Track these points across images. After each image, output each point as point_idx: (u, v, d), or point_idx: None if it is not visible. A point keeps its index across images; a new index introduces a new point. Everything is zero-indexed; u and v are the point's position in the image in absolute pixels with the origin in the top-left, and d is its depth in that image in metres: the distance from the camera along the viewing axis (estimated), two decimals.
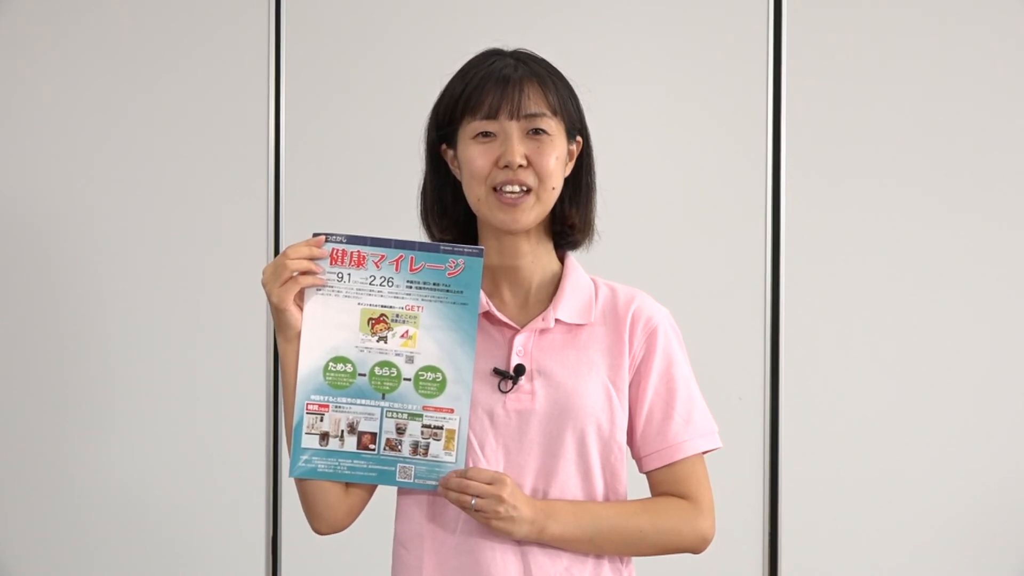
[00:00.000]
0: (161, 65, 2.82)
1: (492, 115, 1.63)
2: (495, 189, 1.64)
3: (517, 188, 1.64)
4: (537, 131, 1.64)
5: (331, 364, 1.64)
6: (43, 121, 2.84)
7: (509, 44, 1.75)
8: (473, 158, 1.64)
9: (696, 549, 1.69)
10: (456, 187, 1.70)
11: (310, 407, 1.64)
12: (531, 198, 1.64)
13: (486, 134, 1.64)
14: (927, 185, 2.76)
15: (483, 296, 1.66)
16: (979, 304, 2.76)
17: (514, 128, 1.63)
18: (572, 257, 1.75)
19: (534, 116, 1.64)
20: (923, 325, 2.76)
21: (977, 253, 2.76)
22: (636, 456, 1.71)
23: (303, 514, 1.71)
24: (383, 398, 1.64)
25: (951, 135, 2.76)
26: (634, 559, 1.72)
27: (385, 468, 1.65)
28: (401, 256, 1.63)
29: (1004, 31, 2.76)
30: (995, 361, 2.76)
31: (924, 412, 2.76)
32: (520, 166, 1.62)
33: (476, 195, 1.65)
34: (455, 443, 1.63)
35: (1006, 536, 2.76)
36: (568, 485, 1.65)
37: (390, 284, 1.64)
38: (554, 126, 1.65)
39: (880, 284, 2.77)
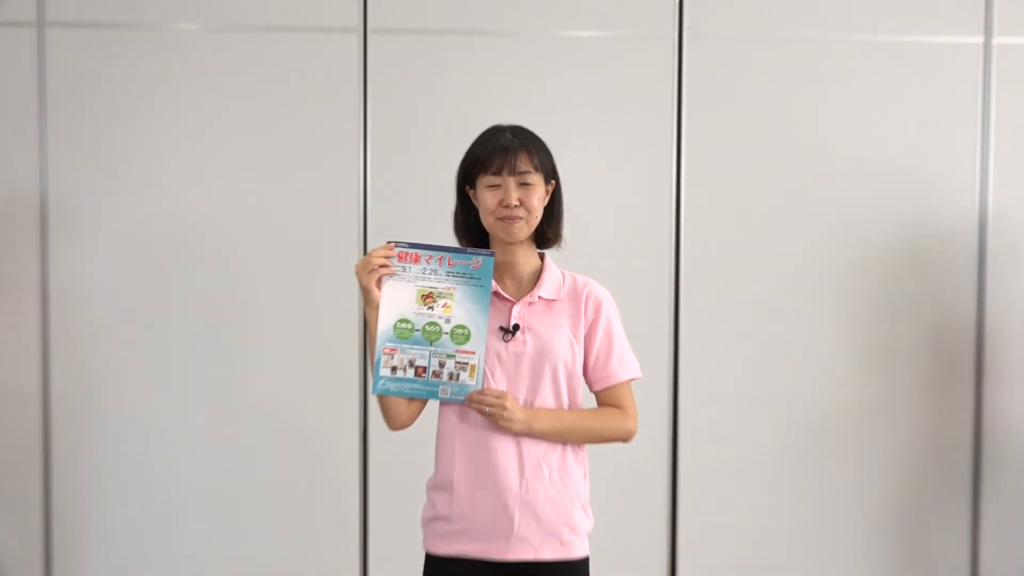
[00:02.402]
0: (279, 114, 3.13)
1: (498, 172, 2.10)
2: (500, 218, 2.11)
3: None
4: (526, 183, 2.11)
5: (399, 323, 2.09)
6: (191, 152, 3.15)
7: (508, 119, 2.23)
8: (486, 199, 2.12)
9: (626, 440, 2.20)
10: (476, 213, 2.18)
11: (385, 350, 2.09)
12: (522, 222, 2.13)
13: (494, 185, 2.11)
14: (783, 207, 3.26)
15: (493, 282, 2.12)
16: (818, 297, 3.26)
17: (511, 182, 2.10)
18: (548, 256, 2.24)
19: (524, 172, 2.11)
20: (778, 313, 3.28)
21: (818, 254, 3.28)
22: (588, 382, 2.22)
23: (383, 422, 2.16)
24: (431, 345, 2.09)
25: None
26: (587, 447, 2.22)
27: (432, 388, 2.09)
28: (443, 256, 2.10)
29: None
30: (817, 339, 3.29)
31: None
32: (515, 205, 2.10)
33: (488, 222, 2.14)
34: (476, 373, 2.09)
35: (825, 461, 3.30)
36: (546, 399, 2.15)
37: (436, 273, 2.10)
38: (537, 178, 2.13)
39: (752, 282, 3.28)
